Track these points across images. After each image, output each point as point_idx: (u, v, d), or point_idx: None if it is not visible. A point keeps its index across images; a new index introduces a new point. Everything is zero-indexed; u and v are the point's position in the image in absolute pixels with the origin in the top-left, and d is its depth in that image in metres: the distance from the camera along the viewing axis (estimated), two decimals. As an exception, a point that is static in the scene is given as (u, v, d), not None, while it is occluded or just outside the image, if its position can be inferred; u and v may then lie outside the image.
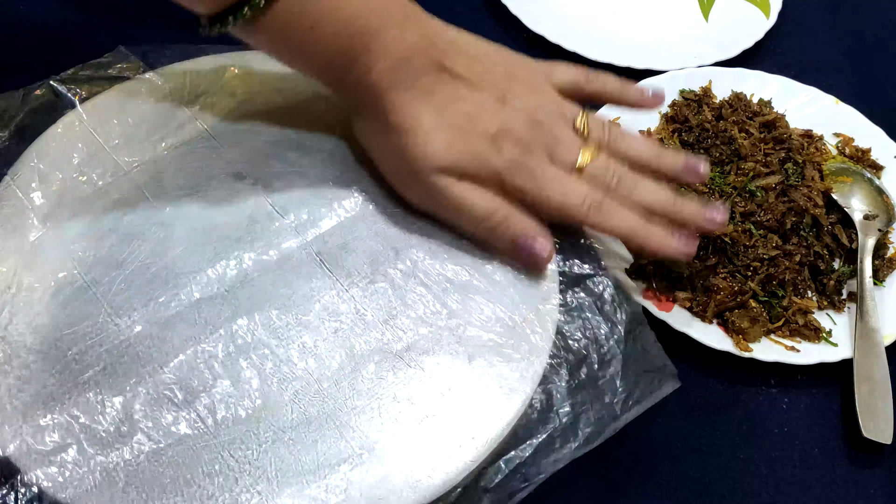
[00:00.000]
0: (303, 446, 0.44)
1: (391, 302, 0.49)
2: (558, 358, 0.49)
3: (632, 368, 0.49)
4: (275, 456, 0.43)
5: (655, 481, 0.53)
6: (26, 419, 0.43)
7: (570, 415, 0.47)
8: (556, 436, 0.46)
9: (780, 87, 0.71)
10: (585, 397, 0.48)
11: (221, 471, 0.42)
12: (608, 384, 0.48)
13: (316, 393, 0.45)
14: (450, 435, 0.45)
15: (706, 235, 0.58)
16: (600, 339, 0.50)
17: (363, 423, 0.45)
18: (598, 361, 0.49)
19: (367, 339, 0.47)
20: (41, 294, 0.47)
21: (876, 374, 0.56)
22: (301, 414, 0.45)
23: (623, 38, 0.76)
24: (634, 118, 0.67)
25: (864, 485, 0.54)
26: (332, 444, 0.44)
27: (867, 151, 0.68)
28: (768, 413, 0.56)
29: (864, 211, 0.63)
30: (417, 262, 0.50)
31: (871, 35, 0.81)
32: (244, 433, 0.44)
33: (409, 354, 0.47)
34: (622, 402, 0.48)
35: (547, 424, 0.47)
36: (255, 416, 0.44)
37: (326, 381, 0.46)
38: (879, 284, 0.61)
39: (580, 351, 0.49)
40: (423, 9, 0.52)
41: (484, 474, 0.45)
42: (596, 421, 0.47)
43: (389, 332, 0.48)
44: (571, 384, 0.48)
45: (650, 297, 0.58)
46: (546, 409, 0.47)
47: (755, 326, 0.57)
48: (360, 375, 0.46)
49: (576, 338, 0.50)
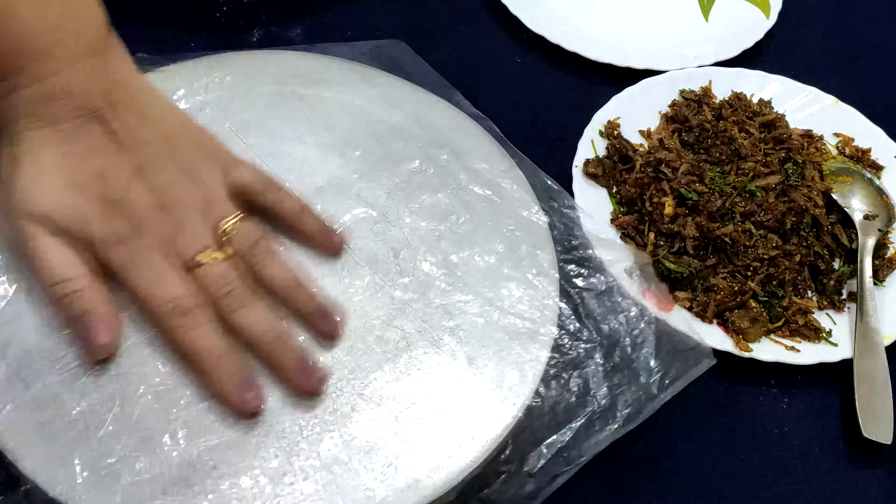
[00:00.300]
0: (303, 446, 0.44)
1: (391, 302, 0.49)
2: (591, 342, 0.49)
3: (665, 348, 0.50)
4: (273, 455, 0.43)
5: (656, 481, 0.53)
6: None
7: (608, 397, 0.48)
8: (595, 418, 0.47)
9: (780, 87, 0.71)
10: (622, 379, 0.49)
11: (217, 467, 0.42)
12: (643, 365, 0.49)
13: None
14: (450, 435, 0.45)
15: (707, 235, 0.58)
16: (631, 322, 0.50)
17: (363, 422, 0.45)
18: (630, 344, 0.49)
19: (366, 340, 0.47)
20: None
21: (876, 374, 0.56)
22: (301, 413, 0.45)
23: (623, 38, 0.76)
24: (635, 118, 0.68)
25: (864, 485, 0.54)
26: (333, 444, 0.44)
27: (867, 151, 0.68)
28: (768, 413, 0.56)
29: (864, 211, 0.63)
30: (416, 262, 0.50)
31: (871, 35, 0.81)
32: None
33: (409, 354, 0.47)
34: (658, 382, 0.49)
35: (585, 408, 0.47)
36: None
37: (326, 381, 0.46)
38: (879, 284, 0.61)
39: (612, 334, 0.50)
40: (124, 49, 0.48)
41: (526, 459, 0.45)
42: (633, 402, 0.48)
43: (389, 331, 0.48)
44: (607, 367, 0.49)
45: (650, 297, 0.58)
46: (583, 393, 0.48)
47: (755, 326, 0.57)
48: (360, 375, 0.46)
49: (607, 321, 0.50)
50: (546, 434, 0.46)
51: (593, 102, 0.68)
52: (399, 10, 0.76)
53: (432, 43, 0.73)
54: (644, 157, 0.64)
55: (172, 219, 0.46)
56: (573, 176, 0.63)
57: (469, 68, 0.66)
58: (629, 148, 0.65)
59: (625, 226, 0.61)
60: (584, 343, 0.49)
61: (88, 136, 0.46)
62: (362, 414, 0.45)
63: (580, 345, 0.49)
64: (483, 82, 0.66)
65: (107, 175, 0.45)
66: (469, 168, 0.55)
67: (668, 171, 0.62)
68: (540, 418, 0.47)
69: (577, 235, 0.55)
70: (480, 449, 0.45)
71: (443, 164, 0.55)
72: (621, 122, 0.67)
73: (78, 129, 0.45)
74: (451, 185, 0.54)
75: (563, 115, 0.70)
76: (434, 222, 0.52)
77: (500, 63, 0.74)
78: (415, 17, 0.75)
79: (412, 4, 0.76)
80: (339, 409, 0.45)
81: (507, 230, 0.53)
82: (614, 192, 0.64)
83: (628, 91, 0.69)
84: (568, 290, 0.51)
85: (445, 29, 0.75)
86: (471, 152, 0.56)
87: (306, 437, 0.44)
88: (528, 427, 0.46)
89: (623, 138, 0.66)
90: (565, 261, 0.53)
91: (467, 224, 0.52)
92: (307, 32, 0.71)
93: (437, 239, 0.51)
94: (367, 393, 0.46)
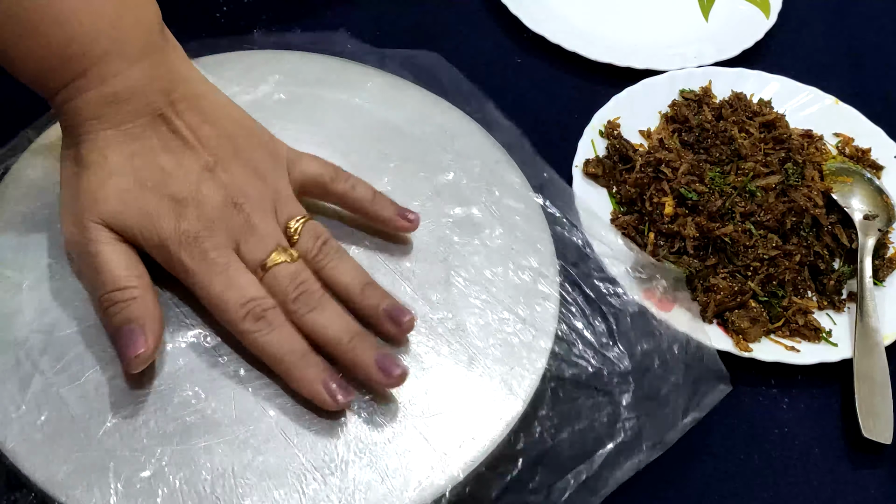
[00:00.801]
0: (303, 445, 0.44)
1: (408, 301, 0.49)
2: (624, 365, 0.49)
3: (692, 376, 0.49)
4: (274, 454, 0.43)
5: (655, 481, 0.53)
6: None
7: (636, 426, 0.47)
8: (622, 449, 0.46)
9: (780, 87, 0.71)
10: (649, 408, 0.48)
11: (210, 460, 0.42)
12: (670, 393, 0.48)
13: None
14: (450, 435, 0.45)
15: (707, 235, 0.58)
16: (663, 346, 0.49)
17: (363, 422, 0.45)
18: (661, 369, 0.49)
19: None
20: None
21: (876, 374, 0.56)
22: (301, 413, 0.45)
23: (623, 38, 0.76)
24: (635, 118, 0.68)
25: (864, 485, 0.54)
26: (333, 444, 0.44)
27: (867, 151, 0.68)
28: (768, 413, 0.56)
29: (864, 211, 0.63)
30: (406, 260, 0.50)
31: (871, 35, 0.81)
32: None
33: (409, 354, 0.47)
34: (682, 412, 0.48)
35: (614, 437, 0.47)
36: (254, 417, 0.44)
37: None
38: (879, 284, 0.61)
39: (644, 359, 0.49)
40: (180, 47, 0.48)
41: (553, 490, 0.45)
42: (659, 430, 0.47)
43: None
44: (637, 394, 0.48)
45: (650, 297, 0.58)
46: (612, 422, 0.47)
47: (755, 326, 0.57)
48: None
49: (640, 343, 0.49)
50: (573, 464, 0.45)
51: (593, 102, 0.68)
52: (399, 10, 0.76)
53: (432, 43, 0.73)
54: (644, 157, 0.64)
55: (242, 217, 0.45)
56: (573, 176, 0.63)
57: (469, 68, 0.66)
58: (629, 148, 0.65)
59: (625, 226, 0.61)
60: (618, 368, 0.48)
61: (154, 136, 0.45)
62: (362, 414, 0.45)
63: (614, 370, 0.49)
64: (483, 82, 0.66)
65: (174, 174, 0.45)
66: (502, 181, 0.55)
67: (668, 171, 0.62)
68: (571, 447, 0.46)
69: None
70: (480, 449, 0.44)
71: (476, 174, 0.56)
72: (621, 122, 0.67)
73: (143, 129, 0.45)
74: (483, 197, 0.54)
75: (563, 115, 0.70)
76: (467, 236, 0.52)
77: (500, 63, 0.74)
78: (415, 16, 0.75)
79: (412, 4, 0.76)
80: (338, 410, 0.45)
81: (540, 244, 0.53)
82: (614, 192, 0.64)
83: (628, 91, 0.69)
84: (602, 308, 0.51)
85: (445, 29, 0.75)
86: (501, 163, 0.57)
87: (307, 439, 0.44)
88: (556, 456, 0.46)
89: (623, 138, 0.66)
90: (600, 279, 0.53)
91: (501, 238, 0.52)
92: (307, 33, 0.71)
93: (471, 254, 0.51)
94: (367, 393, 0.46)
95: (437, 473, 0.43)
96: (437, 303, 0.49)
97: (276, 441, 0.43)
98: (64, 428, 0.43)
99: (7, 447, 0.42)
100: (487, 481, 0.44)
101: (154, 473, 0.42)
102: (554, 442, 0.46)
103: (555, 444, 0.46)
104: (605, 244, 0.54)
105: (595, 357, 0.49)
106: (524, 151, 0.59)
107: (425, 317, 0.48)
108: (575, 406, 0.47)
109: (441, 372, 0.47)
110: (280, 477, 0.42)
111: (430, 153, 0.56)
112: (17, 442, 0.42)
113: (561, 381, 0.48)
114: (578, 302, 0.51)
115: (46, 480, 0.41)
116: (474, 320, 0.49)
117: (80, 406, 0.43)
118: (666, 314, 0.57)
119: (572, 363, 0.48)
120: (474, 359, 0.47)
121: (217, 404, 0.44)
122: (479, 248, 0.51)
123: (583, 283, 0.52)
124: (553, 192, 0.56)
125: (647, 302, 0.57)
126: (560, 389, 0.48)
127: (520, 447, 0.46)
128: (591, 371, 0.49)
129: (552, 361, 0.48)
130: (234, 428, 0.44)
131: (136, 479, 0.41)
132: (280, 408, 0.44)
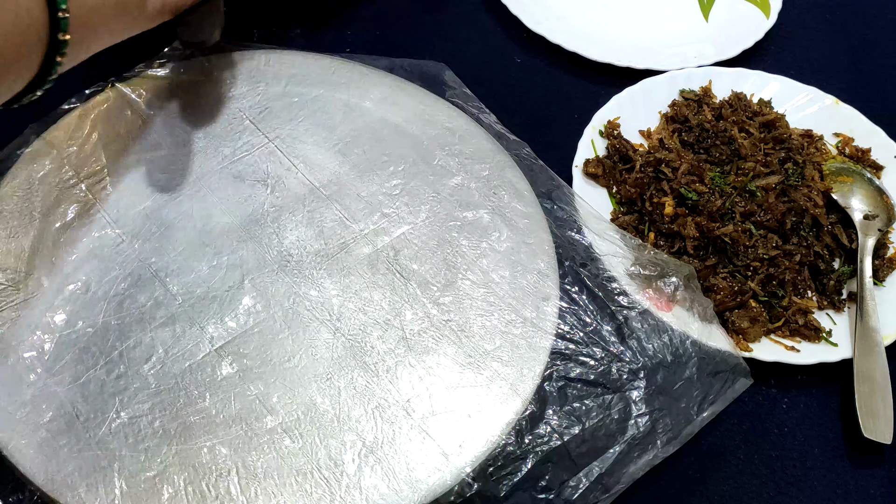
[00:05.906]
0: (307, 445, 0.44)
1: (391, 302, 0.49)
2: (635, 364, 0.49)
3: (706, 370, 0.49)
4: (271, 456, 0.43)
5: (655, 481, 0.53)
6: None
7: (649, 422, 0.47)
8: (635, 444, 0.46)
9: (780, 87, 0.71)
10: (663, 403, 0.48)
11: (213, 460, 0.43)
12: (684, 388, 0.48)
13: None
14: (450, 435, 0.45)
15: (707, 235, 0.58)
16: (675, 342, 0.49)
17: (363, 422, 0.45)
18: (674, 365, 0.48)
19: (367, 340, 0.47)
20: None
21: (876, 374, 0.56)
22: (302, 413, 0.45)
23: (623, 38, 0.76)
24: (635, 118, 0.68)
25: (864, 485, 0.54)
26: (333, 444, 0.44)
27: (867, 151, 0.68)
28: (768, 413, 0.57)
29: (864, 211, 0.63)
30: (414, 262, 0.50)
31: (871, 35, 0.81)
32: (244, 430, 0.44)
33: (409, 355, 0.47)
34: (698, 405, 0.48)
35: (626, 433, 0.47)
36: (255, 417, 0.44)
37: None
38: (879, 284, 0.61)
39: (656, 355, 0.49)
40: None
41: (565, 487, 0.45)
42: (673, 426, 0.47)
43: (390, 332, 0.48)
44: (649, 390, 0.48)
45: (650, 297, 0.58)
46: (624, 419, 0.47)
47: (755, 326, 0.57)
48: (361, 375, 0.46)
49: (651, 341, 0.49)
50: (585, 461, 0.46)
51: (593, 102, 0.68)
52: (399, 10, 0.76)
53: (432, 43, 0.73)
54: (644, 157, 0.64)
55: None
56: (573, 176, 0.63)
57: (469, 68, 0.66)
58: (629, 148, 0.65)
59: (625, 226, 0.61)
60: (628, 365, 0.48)
61: None
62: (362, 414, 0.45)
63: (624, 367, 0.49)
64: (483, 82, 0.66)
65: None
66: (510, 186, 0.56)
67: (668, 171, 0.62)
68: (581, 444, 0.46)
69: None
70: (481, 449, 0.45)
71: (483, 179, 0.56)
72: (621, 122, 0.67)
73: None
74: (491, 201, 0.55)
75: (563, 115, 0.70)
76: (475, 239, 0.52)
77: (500, 63, 0.74)
78: (414, 17, 0.75)
79: (411, 4, 0.76)
80: (339, 410, 0.45)
81: (546, 247, 0.53)
82: (614, 192, 0.64)
83: (628, 91, 0.69)
84: (611, 308, 0.51)
85: (446, 29, 0.75)
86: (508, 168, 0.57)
87: (310, 439, 0.44)
88: (566, 453, 0.46)
89: (623, 138, 0.66)
90: (607, 279, 0.53)
91: (508, 241, 0.53)
92: (307, 32, 0.72)
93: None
94: (367, 393, 0.46)
95: (443, 472, 0.44)
96: (443, 304, 0.49)
97: (278, 441, 0.44)
98: (66, 428, 0.43)
99: (9, 447, 0.42)
100: (496, 480, 0.44)
101: (158, 473, 0.42)
102: (564, 440, 0.46)
103: (565, 442, 0.46)
104: (612, 243, 0.54)
105: (604, 355, 0.49)
106: (529, 157, 0.60)
107: (432, 318, 0.49)
108: (584, 404, 0.47)
109: (446, 372, 0.47)
110: (283, 477, 0.43)
111: (438, 157, 0.56)
112: (19, 442, 0.42)
113: (569, 380, 0.48)
114: (587, 302, 0.51)
115: (49, 480, 0.41)
116: (480, 322, 0.49)
117: (83, 406, 0.43)
118: (665, 314, 0.57)
119: (580, 362, 0.48)
120: (479, 359, 0.47)
121: (220, 404, 0.44)
122: (487, 251, 0.52)
123: (591, 283, 0.52)
124: (562, 197, 0.57)
125: (648, 302, 0.57)
126: (568, 388, 0.48)
127: (528, 446, 0.46)
128: (599, 370, 0.49)
129: (560, 361, 0.48)
130: (236, 428, 0.44)
131: (140, 478, 0.41)
132: (283, 408, 0.44)
